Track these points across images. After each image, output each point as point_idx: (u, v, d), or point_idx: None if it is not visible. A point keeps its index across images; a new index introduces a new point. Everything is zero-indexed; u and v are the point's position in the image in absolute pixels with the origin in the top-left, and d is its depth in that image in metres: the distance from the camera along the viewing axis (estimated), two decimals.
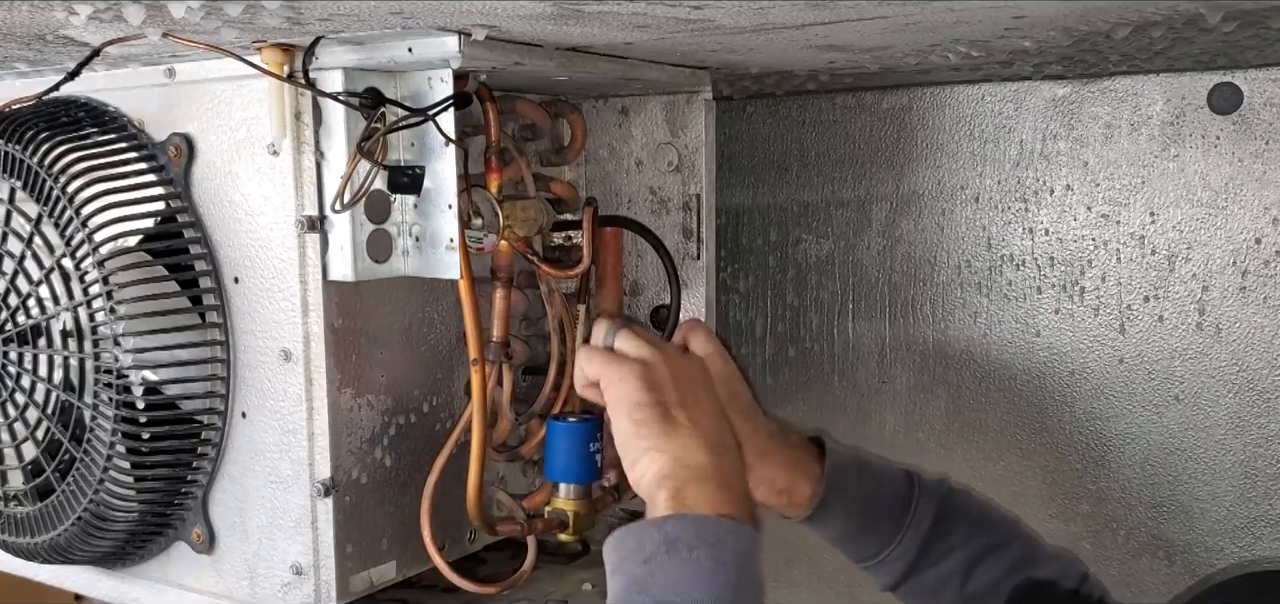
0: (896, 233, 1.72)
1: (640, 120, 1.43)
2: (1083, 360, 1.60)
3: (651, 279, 1.45)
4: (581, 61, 1.20)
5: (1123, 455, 1.59)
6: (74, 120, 1.24)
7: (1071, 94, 1.57)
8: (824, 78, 1.55)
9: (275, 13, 0.93)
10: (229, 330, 1.21)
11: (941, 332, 1.70)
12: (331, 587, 1.18)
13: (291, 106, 1.11)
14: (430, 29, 1.03)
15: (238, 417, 1.22)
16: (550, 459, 1.28)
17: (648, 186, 1.44)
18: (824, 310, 1.79)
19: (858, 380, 1.77)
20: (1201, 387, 1.53)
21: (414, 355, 1.27)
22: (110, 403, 1.17)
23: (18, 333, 1.26)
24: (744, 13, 0.99)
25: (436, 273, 1.16)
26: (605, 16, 0.99)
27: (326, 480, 1.16)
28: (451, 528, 1.31)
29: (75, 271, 1.19)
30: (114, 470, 1.19)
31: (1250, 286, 1.49)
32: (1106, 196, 1.56)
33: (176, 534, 1.28)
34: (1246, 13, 1.07)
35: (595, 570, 1.42)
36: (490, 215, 1.18)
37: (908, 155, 1.69)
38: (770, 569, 1.78)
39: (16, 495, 1.30)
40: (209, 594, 1.28)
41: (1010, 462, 1.66)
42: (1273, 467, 1.50)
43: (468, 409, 1.24)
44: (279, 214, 1.14)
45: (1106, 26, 1.12)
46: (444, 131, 1.11)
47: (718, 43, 1.18)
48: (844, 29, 1.10)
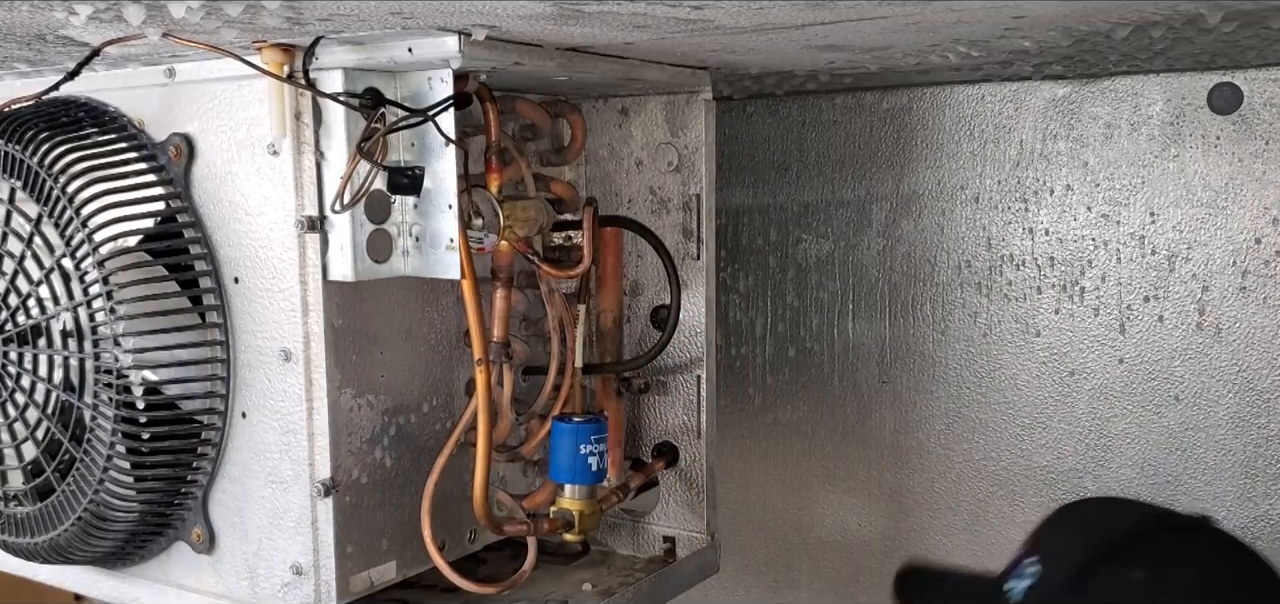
0: (896, 233, 1.72)
1: (640, 120, 1.43)
2: (1083, 360, 1.60)
3: (651, 279, 1.45)
4: (581, 61, 1.20)
5: (1123, 455, 1.59)
6: (74, 120, 1.24)
7: (1071, 94, 1.57)
8: (824, 78, 1.55)
9: (275, 13, 0.93)
10: (229, 330, 1.21)
11: (941, 331, 1.70)
12: (331, 587, 1.18)
13: (291, 107, 1.11)
14: (430, 29, 1.03)
15: (238, 417, 1.22)
16: (555, 460, 1.28)
17: (648, 186, 1.44)
18: (824, 310, 1.79)
19: (858, 380, 1.77)
20: (1201, 387, 1.53)
21: (414, 355, 1.27)
22: (110, 403, 1.17)
23: (18, 333, 1.26)
24: (744, 13, 0.99)
25: (437, 273, 1.16)
26: (605, 16, 0.99)
27: (326, 480, 1.16)
28: (451, 528, 1.31)
29: (75, 271, 1.19)
30: (114, 471, 1.19)
31: (1250, 287, 1.49)
32: (1106, 196, 1.56)
33: (176, 534, 1.28)
34: (1246, 13, 1.07)
35: (595, 570, 1.42)
36: (491, 215, 1.18)
37: (908, 155, 1.69)
38: (770, 569, 1.78)
39: (17, 495, 1.30)
40: (209, 594, 1.28)
41: (1010, 462, 1.66)
42: (1273, 467, 1.50)
43: (468, 409, 1.24)
44: (279, 214, 1.14)
45: (1106, 26, 1.12)
46: (444, 132, 1.11)
47: (718, 43, 1.18)
48: (844, 29, 1.10)
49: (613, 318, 1.43)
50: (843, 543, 1.82)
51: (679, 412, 1.45)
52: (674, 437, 1.46)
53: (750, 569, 1.89)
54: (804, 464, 1.83)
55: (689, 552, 1.45)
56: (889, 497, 1.77)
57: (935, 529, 1.73)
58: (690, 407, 1.44)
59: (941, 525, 1.73)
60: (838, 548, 1.82)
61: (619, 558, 1.48)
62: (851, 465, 1.80)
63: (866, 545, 1.80)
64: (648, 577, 1.40)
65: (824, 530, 1.83)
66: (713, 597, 1.63)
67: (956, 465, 1.70)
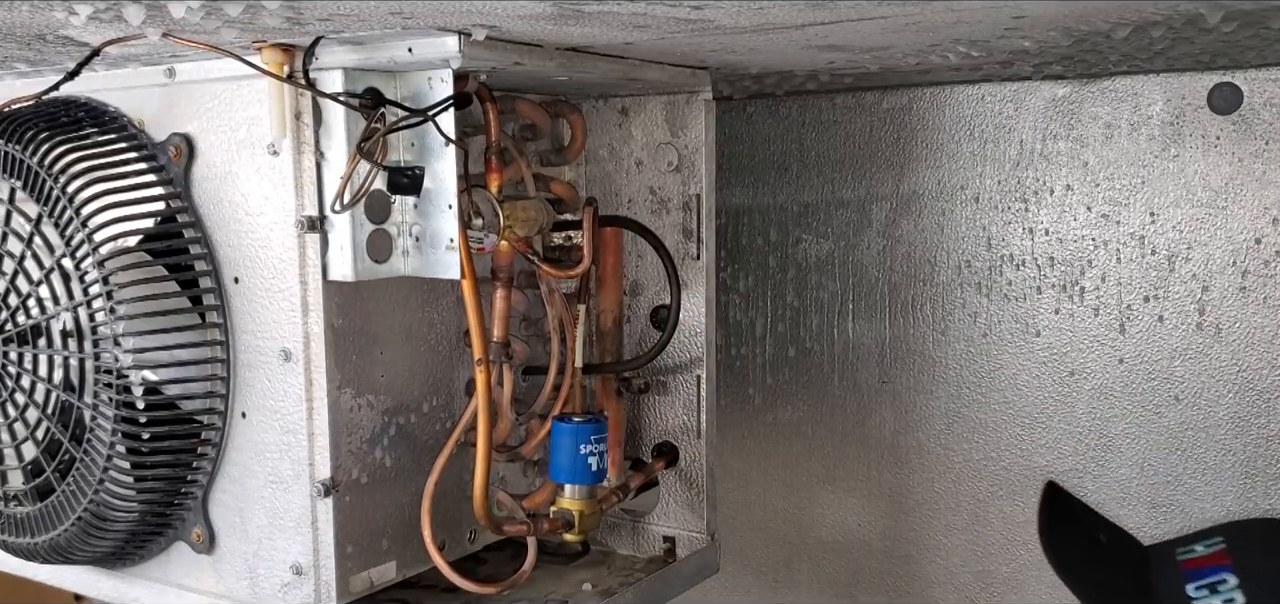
0: (896, 233, 1.72)
1: (640, 120, 1.43)
2: (1083, 360, 1.60)
3: (651, 279, 1.45)
4: (581, 61, 1.20)
5: (1123, 455, 1.59)
6: (74, 120, 1.24)
7: (1071, 94, 1.57)
8: (824, 78, 1.55)
9: (275, 13, 0.93)
10: (229, 330, 1.21)
11: (941, 331, 1.70)
12: (331, 587, 1.18)
13: (291, 107, 1.11)
14: (430, 29, 1.03)
15: (238, 417, 1.22)
16: (555, 460, 1.29)
17: (648, 186, 1.44)
18: (824, 310, 1.79)
19: (858, 380, 1.77)
20: (1201, 387, 1.53)
21: (414, 355, 1.27)
22: (110, 403, 1.17)
23: (18, 333, 1.26)
24: (744, 13, 0.99)
25: (437, 273, 1.16)
26: (605, 16, 0.99)
27: (326, 480, 1.16)
28: (451, 528, 1.31)
29: (75, 271, 1.19)
30: (114, 471, 1.19)
31: (1250, 287, 1.49)
32: (1106, 196, 1.56)
33: (176, 534, 1.28)
34: (1246, 13, 1.07)
35: (595, 570, 1.42)
36: (491, 215, 1.19)
37: (908, 155, 1.69)
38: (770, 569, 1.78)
39: (17, 495, 1.30)
40: (209, 594, 1.28)
41: (1010, 461, 1.66)
42: (1273, 467, 1.50)
43: (468, 409, 1.24)
44: (279, 214, 1.14)
45: (1106, 26, 1.12)
46: (444, 132, 1.11)
47: (718, 43, 1.18)
48: (844, 29, 1.10)
49: (613, 318, 1.43)
50: (843, 543, 1.82)
51: (679, 412, 1.45)
52: (674, 437, 1.46)
53: (750, 569, 1.89)
54: (804, 464, 1.84)
55: (689, 552, 1.46)
56: (889, 497, 1.77)
57: (935, 529, 1.74)
58: (690, 407, 1.44)
59: (941, 525, 1.73)
60: (838, 548, 1.82)
61: (619, 558, 1.48)
62: (851, 465, 1.80)
63: (866, 545, 1.80)
64: (648, 577, 1.40)
65: (824, 530, 1.83)
66: (713, 597, 1.63)
67: (956, 465, 1.70)
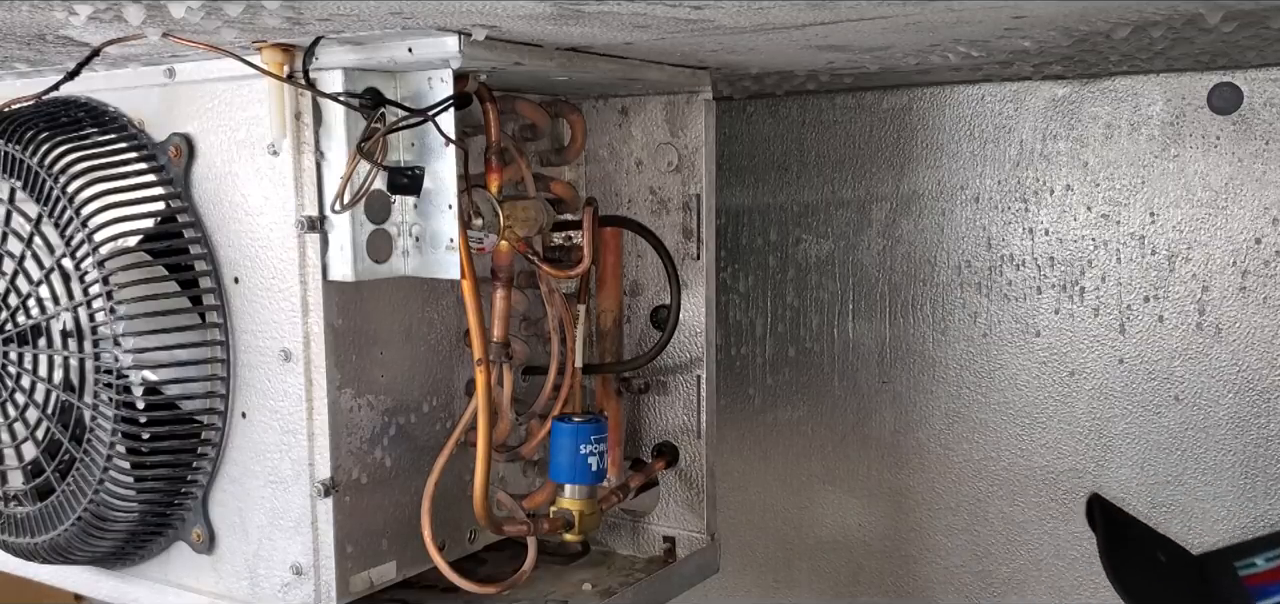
0: (896, 233, 1.72)
1: (640, 120, 1.43)
2: (1083, 360, 1.60)
3: (651, 279, 1.45)
4: (581, 61, 1.20)
5: (1123, 455, 1.59)
6: (74, 120, 1.24)
7: (1071, 94, 1.57)
8: (824, 78, 1.55)
9: (275, 13, 0.93)
10: (229, 330, 1.21)
11: (941, 331, 1.70)
12: (331, 587, 1.18)
13: (291, 107, 1.11)
14: (430, 29, 1.03)
15: (238, 417, 1.22)
16: (555, 460, 1.28)
17: (648, 186, 1.44)
18: (824, 310, 1.79)
19: (858, 380, 1.77)
20: (1201, 387, 1.53)
21: (414, 355, 1.27)
22: (110, 403, 1.17)
23: (18, 333, 1.26)
24: (744, 13, 0.99)
25: (437, 273, 1.16)
26: (605, 16, 0.99)
27: (326, 480, 1.16)
28: (451, 528, 1.31)
29: (75, 272, 1.19)
30: (114, 471, 1.19)
31: (1250, 287, 1.49)
32: (1106, 196, 1.56)
33: (176, 534, 1.28)
34: (1246, 13, 1.07)
35: (595, 570, 1.42)
36: (490, 215, 1.19)
37: (908, 155, 1.69)
38: (770, 569, 1.78)
39: (17, 495, 1.30)
40: (209, 594, 1.28)
41: (1010, 461, 1.66)
42: (1273, 467, 1.50)
43: (468, 409, 1.24)
44: (279, 214, 1.14)
45: (1106, 26, 1.12)
46: (444, 132, 1.11)
47: (718, 43, 1.18)
48: (844, 29, 1.10)
49: (613, 318, 1.43)
50: (843, 543, 1.82)
51: (679, 412, 1.45)
52: (674, 437, 1.46)
53: (750, 569, 1.89)
54: (804, 464, 1.84)
55: (689, 552, 1.46)
56: (889, 497, 1.77)
57: (935, 529, 1.74)
58: (690, 407, 1.44)
59: (941, 525, 1.73)
60: (838, 548, 1.82)
61: (619, 558, 1.48)
62: (851, 465, 1.80)
63: (866, 545, 1.80)
64: (648, 577, 1.40)
65: (824, 530, 1.83)
66: (713, 597, 1.63)
67: (956, 465, 1.70)
